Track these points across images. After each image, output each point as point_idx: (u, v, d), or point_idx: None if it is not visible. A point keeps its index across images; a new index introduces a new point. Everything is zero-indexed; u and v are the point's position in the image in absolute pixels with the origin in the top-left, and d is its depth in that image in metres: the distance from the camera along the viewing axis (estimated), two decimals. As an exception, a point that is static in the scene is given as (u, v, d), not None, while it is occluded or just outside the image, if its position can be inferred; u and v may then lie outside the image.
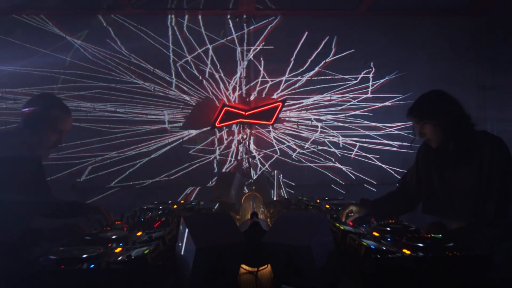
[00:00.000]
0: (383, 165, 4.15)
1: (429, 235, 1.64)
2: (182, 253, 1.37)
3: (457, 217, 1.95)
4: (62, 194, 2.34)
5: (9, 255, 1.69)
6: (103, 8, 3.95)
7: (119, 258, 1.32)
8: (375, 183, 4.12)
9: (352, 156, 4.15)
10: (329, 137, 4.17)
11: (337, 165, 4.15)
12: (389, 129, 4.17)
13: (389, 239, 1.52)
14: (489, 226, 1.75)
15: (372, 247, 1.36)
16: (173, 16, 4.06)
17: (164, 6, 3.96)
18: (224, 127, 4.14)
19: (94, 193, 3.85)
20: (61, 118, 1.99)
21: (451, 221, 1.98)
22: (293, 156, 4.14)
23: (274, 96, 4.17)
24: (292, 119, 4.19)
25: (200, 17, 4.08)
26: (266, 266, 1.59)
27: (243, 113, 4.11)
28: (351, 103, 4.18)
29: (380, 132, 4.19)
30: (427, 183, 2.06)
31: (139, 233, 1.71)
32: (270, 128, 4.16)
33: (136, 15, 4.04)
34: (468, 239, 1.64)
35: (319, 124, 4.18)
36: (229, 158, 4.14)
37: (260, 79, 4.16)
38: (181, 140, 4.10)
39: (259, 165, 4.13)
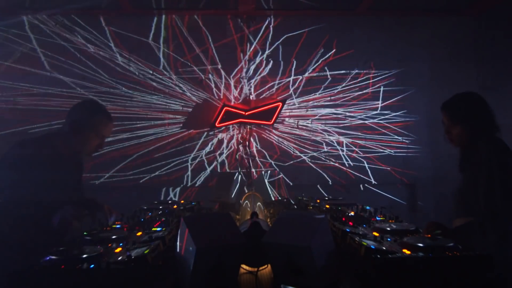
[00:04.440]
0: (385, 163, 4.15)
1: (429, 235, 1.63)
2: (182, 253, 1.37)
3: (467, 216, 1.96)
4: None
5: (19, 254, 1.69)
6: (103, 8, 3.95)
7: (119, 258, 1.32)
8: (375, 183, 4.13)
9: (352, 154, 4.16)
10: (329, 137, 4.18)
11: (337, 165, 4.16)
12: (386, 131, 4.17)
13: (389, 239, 1.51)
14: (490, 225, 1.75)
15: (372, 247, 1.36)
16: (173, 16, 4.07)
17: (164, 6, 3.97)
18: (223, 127, 4.14)
19: (94, 194, 3.85)
20: (105, 123, 2.08)
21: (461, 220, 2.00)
22: (292, 153, 4.14)
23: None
24: (292, 119, 4.20)
25: (200, 17, 4.08)
26: (266, 266, 1.59)
27: (243, 113, 4.11)
28: (349, 101, 4.18)
29: (378, 130, 4.19)
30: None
31: (139, 233, 1.70)
32: (270, 128, 4.16)
33: (135, 15, 4.04)
34: (468, 238, 1.65)
35: (319, 125, 4.18)
36: (223, 154, 4.15)
37: (260, 79, 4.16)
38: (181, 140, 4.11)
39: (259, 165, 4.13)
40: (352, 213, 2.11)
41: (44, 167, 1.87)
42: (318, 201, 2.59)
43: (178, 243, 1.43)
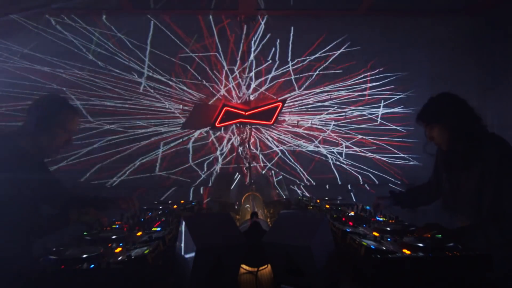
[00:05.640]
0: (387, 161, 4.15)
1: (429, 235, 1.63)
2: (182, 253, 1.37)
3: (464, 217, 1.95)
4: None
5: (11, 255, 1.69)
6: (104, 8, 3.95)
7: (119, 258, 1.32)
8: (377, 182, 4.13)
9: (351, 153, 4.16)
10: (329, 138, 4.18)
11: (337, 164, 4.16)
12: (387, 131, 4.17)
13: (389, 239, 1.52)
14: (493, 228, 1.74)
15: (372, 247, 1.36)
16: (171, 16, 4.07)
17: (164, 6, 3.96)
18: (223, 127, 4.14)
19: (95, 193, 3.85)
20: (70, 118, 2.01)
21: (460, 220, 1.99)
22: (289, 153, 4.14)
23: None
24: (293, 118, 4.20)
25: (200, 17, 4.09)
26: (266, 266, 1.59)
27: (243, 113, 4.11)
28: (348, 98, 4.19)
29: (379, 128, 4.19)
30: (443, 182, 2.09)
31: (139, 233, 1.71)
32: (271, 128, 4.17)
33: (135, 15, 4.04)
34: (469, 240, 1.64)
35: (321, 127, 4.18)
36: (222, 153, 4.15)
37: (260, 79, 4.16)
38: (181, 140, 4.11)
39: (259, 165, 4.13)
40: (352, 213, 2.11)
41: (11, 169, 1.81)
42: (318, 201, 2.59)
43: (178, 243, 1.43)
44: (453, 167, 2.00)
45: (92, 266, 1.26)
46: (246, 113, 4.11)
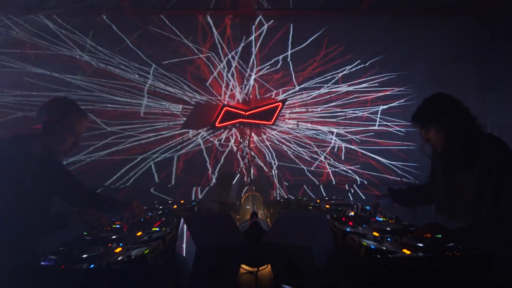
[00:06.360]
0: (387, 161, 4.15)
1: (429, 235, 1.63)
2: (182, 253, 1.37)
3: (461, 219, 1.94)
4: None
5: (17, 254, 1.69)
6: (103, 8, 3.95)
7: (119, 258, 1.32)
8: (377, 182, 4.13)
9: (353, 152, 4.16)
10: (330, 139, 4.18)
11: (338, 165, 4.16)
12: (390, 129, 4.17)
13: (389, 239, 1.51)
14: (493, 230, 1.74)
15: (372, 247, 1.36)
16: (171, 16, 4.07)
17: (163, 7, 3.97)
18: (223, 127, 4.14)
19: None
20: (78, 120, 2.01)
21: (456, 222, 1.98)
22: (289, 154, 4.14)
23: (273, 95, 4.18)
24: (293, 119, 4.20)
25: (200, 17, 4.09)
26: (266, 266, 1.59)
27: (243, 113, 4.11)
28: (349, 101, 4.19)
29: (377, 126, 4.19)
30: (438, 184, 2.07)
31: (139, 233, 1.70)
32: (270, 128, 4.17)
33: (135, 15, 4.05)
34: (469, 241, 1.64)
35: (323, 128, 4.18)
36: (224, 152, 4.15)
37: (260, 79, 4.16)
38: (181, 140, 4.11)
39: (259, 165, 4.14)
40: (352, 213, 2.11)
41: (19, 170, 1.83)
42: (318, 201, 2.59)
43: (178, 243, 1.43)
44: (450, 169, 1.99)
45: (92, 266, 1.26)
46: (246, 113, 4.11)
